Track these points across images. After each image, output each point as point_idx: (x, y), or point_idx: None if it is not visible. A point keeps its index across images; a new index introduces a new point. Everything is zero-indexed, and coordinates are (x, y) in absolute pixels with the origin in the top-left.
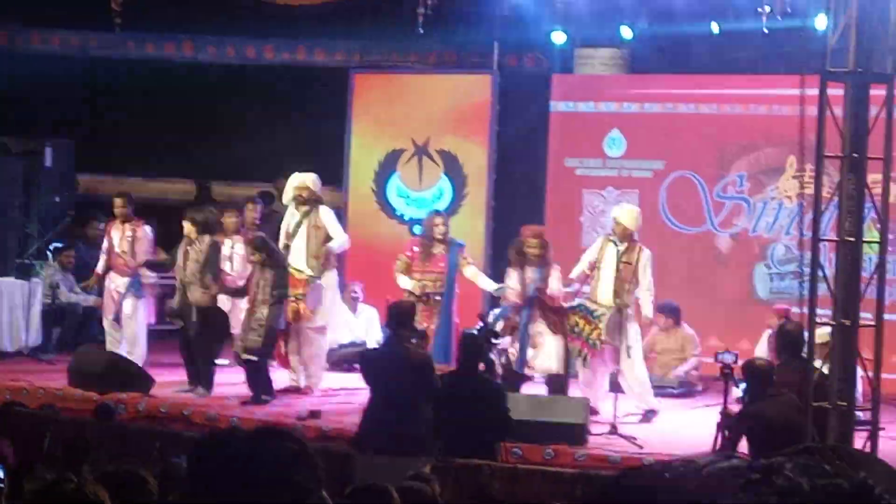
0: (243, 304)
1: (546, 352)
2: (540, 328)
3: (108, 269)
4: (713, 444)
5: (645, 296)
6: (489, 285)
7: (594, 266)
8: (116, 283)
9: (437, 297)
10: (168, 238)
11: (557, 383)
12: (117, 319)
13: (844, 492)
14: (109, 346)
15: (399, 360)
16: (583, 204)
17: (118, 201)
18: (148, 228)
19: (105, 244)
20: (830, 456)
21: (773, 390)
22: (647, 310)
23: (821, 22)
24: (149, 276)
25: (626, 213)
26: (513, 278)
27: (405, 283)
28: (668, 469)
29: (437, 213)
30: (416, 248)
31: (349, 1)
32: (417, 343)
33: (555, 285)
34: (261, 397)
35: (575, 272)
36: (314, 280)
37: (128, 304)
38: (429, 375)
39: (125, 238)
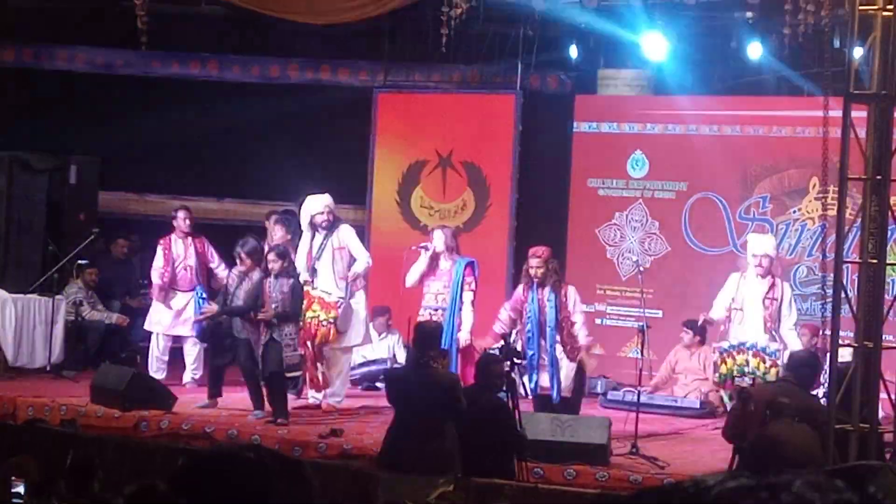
0: None
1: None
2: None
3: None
4: (730, 465)
5: (792, 334)
6: (466, 322)
7: (730, 308)
8: (178, 298)
9: (443, 312)
10: None
11: (571, 407)
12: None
13: None
14: (154, 363)
15: (425, 381)
16: (602, 241)
17: (183, 214)
18: (207, 243)
19: (160, 259)
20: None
21: (788, 417)
22: (798, 345)
23: (844, 44)
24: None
25: (768, 243)
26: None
27: (412, 276)
28: (677, 490)
29: (439, 226)
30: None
31: (373, 21)
32: (439, 361)
33: (572, 307)
34: (286, 413)
35: (716, 313)
36: (344, 301)
37: (195, 325)
38: (456, 395)
39: (189, 251)
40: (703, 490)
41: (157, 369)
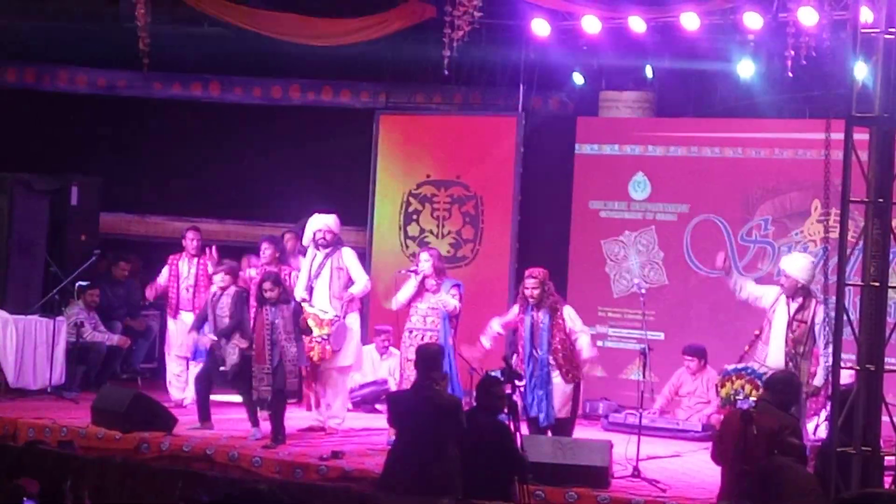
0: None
1: (554, 398)
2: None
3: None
4: (721, 488)
5: (820, 361)
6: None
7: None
8: (184, 318)
9: (430, 334)
10: None
11: (563, 428)
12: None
13: None
14: (174, 385)
15: (428, 404)
16: (604, 253)
17: (191, 235)
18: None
19: (162, 276)
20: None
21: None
22: (819, 377)
23: (846, 66)
24: None
25: (794, 263)
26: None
27: (399, 299)
28: None
29: (426, 248)
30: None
31: (375, 42)
32: (440, 384)
33: (571, 325)
34: (283, 435)
35: (751, 286)
36: (338, 319)
37: (202, 342)
38: (458, 417)
39: (192, 272)
40: None
41: (176, 388)
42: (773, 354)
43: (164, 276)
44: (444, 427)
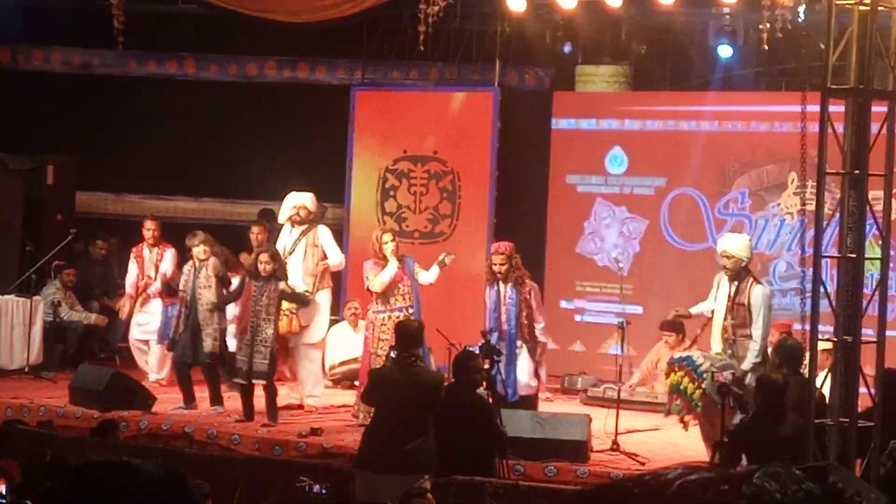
0: None
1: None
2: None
3: (142, 291)
4: (710, 461)
5: (752, 344)
6: (433, 274)
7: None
8: (151, 306)
9: (409, 311)
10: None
11: (529, 405)
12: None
13: (816, 496)
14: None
15: (411, 380)
16: (593, 209)
17: (148, 224)
18: (172, 252)
19: (133, 270)
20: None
21: (777, 412)
22: (748, 361)
23: (822, 39)
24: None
25: (735, 242)
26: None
27: (380, 282)
28: (637, 484)
29: (382, 229)
30: (374, 270)
31: (351, 18)
32: (422, 360)
33: (536, 307)
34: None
35: (696, 308)
36: (309, 294)
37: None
38: (440, 394)
39: (154, 260)
40: (663, 483)
41: (151, 369)
42: (714, 339)
43: (133, 271)
44: (425, 404)
